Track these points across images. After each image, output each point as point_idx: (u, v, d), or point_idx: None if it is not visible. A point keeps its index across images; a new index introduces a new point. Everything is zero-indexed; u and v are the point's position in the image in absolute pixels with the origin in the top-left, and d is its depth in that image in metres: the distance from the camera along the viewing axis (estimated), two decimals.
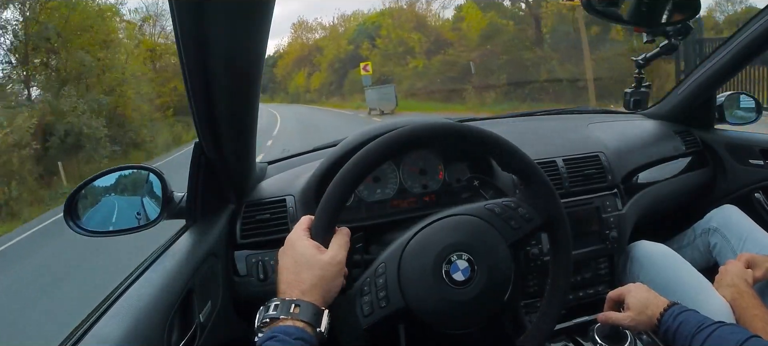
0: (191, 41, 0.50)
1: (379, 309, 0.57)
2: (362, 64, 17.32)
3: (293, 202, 0.87)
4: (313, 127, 13.19)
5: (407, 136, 0.60)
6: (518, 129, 1.26)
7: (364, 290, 0.59)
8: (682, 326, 0.62)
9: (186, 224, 0.78)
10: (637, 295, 0.71)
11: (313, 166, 0.91)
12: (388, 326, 0.59)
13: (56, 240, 5.37)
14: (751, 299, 0.76)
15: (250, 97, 0.64)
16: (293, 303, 0.51)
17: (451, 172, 0.95)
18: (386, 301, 0.57)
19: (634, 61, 1.22)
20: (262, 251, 0.84)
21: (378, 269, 0.59)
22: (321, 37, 35.66)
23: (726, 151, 1.26)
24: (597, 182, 1.03)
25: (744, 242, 0.97)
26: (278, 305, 0.51)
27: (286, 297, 0.52)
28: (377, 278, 0.58)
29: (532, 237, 0.64)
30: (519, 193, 0.67)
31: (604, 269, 1.04)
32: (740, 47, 1.08)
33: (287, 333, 0.48)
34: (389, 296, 0.57)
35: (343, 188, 0.58)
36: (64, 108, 11.27)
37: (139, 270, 0.63)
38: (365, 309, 0.57)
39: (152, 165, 0.84)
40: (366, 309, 0.57)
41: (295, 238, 0.57)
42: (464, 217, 0.62)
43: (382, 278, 0.58)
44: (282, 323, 0.50)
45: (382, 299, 0.57)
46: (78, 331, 0.50)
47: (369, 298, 0.58)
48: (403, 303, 0.57)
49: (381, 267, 0.59)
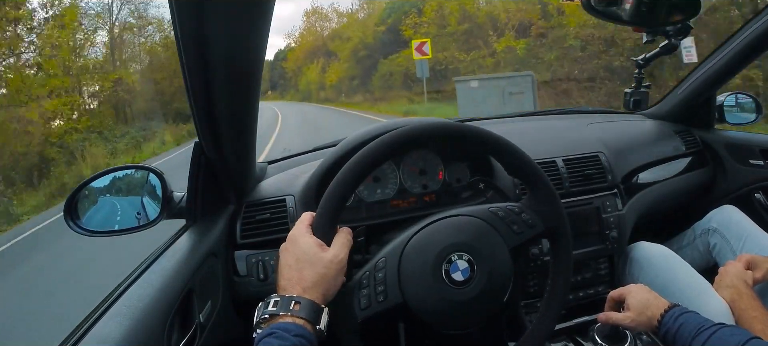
0: (191, 41, 0.49)
1: (377, 303, 0.57)
2: (416, 43, 11.15)
3: (293, 202, 0.87)
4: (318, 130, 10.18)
5: (407, 136, 0.60)
6: (518, 129, 1.26)
7: (363, 283, 0.59)
8: (682, 328, 0.62)
9: (186, 224, 0.78)
10: (638, 296, 0.71)
11: (313, 166, 0.91)
12: (384, 322, 0.59)
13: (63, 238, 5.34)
14: (750, 300, 0.76)
15: (250, 97, 0.64)
16: (293, 300, 0.51)
17: (451, 172, 0.95)
18: (384, 296, 0.57)
19: (634, 62, 1.22)
20: (262, 250, 0.84)
21: (378, 264, 0.59)
22: (339, 25, 28.70)
23: (726, 151, 1.26)
24: (597, 182, 1.03)
25: (744, 243, 0.97)
26: (278, 302, 0.51)
27: (286, 294, 0.52)
28: (377, 272, 0.59)
29: (534, 242, 0.64)
30: (523, 198, 0.67)
31: (604, 269, 1.04)
32: (740, 47, 1.09)
33: (286, 330, 0.48)
34: (387, 291, 0.57)
35: (344, 187, 0.58)
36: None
37: (139, 270, 0.63)
38: (362, 302, 0.57)
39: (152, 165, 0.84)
40: (363, 302, 0.57)
41: (297, 234, 0.57)
42: (467, 218, 0.62)
43: (382, 273, 0.58)
44: (281, 320, 0.50)
45: (380, 293, 0.57)
46: (78, 331, 0.50)
47: (367, 291, 0.58)
48: (401, 299, 0.57)
49: (381, 262, 0.59)
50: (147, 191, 0.81)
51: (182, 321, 0.61)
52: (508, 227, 0.62)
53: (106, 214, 0.79)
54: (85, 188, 0.78)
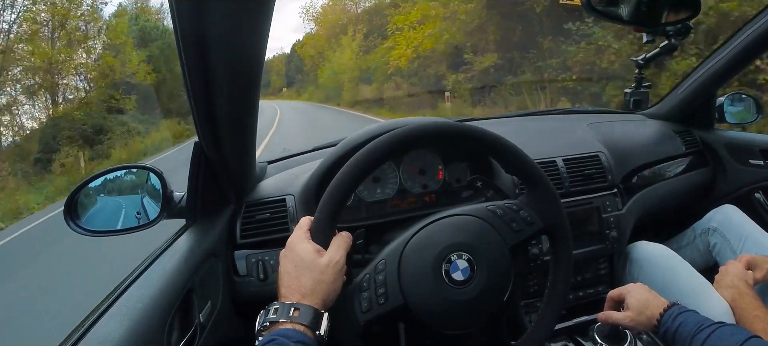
0: (191, 41, 0.49)
1: (378, 306, 0.57)
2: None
3: (293, 201, 0.87)
4: None
5: (408, 136, 0.60)
6: (518, 129, 1.26)
7: (363, 286, 0.58)
8: (681, 327, 0.62)
9: (186, 223, 0.78)
10: (638, 295, 0.71)
11: (313, 165, 0.91)
12: (386, 324, 0.59)
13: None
14: (751, 299, 0.76)
15: (250, 96, 0.64)
16: (292, 307, 0.51)
17: (451, 172, 0.95)
18: (385, 298, 0.57)
19: (634, 62, 1.22)
20: (262, 250, 0.84)
21: (378, 266, 0.59)
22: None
23: (726, 151, 1.26)
24: (597, 181, 1.03)
25: (744, 242, 0.98)
26: (278, 309, 0.51)
27: (285, 301, 0.52)
28: (377, 274, 0.59)
29: (533, 240, 0.64)
30: (522, 196, 0.67)
31: (604, 269, 1.04)
32: (740, 47, 1.09)
33: (287, 336, 0.48)
34: (388, 294, 0.57)
35: (343, 188, 0.58)
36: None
37: (139, 270, 0.63)
38: (363, 305, 0.57)
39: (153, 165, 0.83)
40: (364, 305, 0.57)
41: (295, 240, 0.57)
42: (466, 217, 0.62)
43: (382, 275, 0.58)
44: (282, 327, 0.50)
45: (381, 295, 0.57)
46: (78, 331, 0.50)
47: (368, 294, 0.58)
48: (401, 301, 0.57)
49: (381, 264, 0.59)
50: (147, 190, 0.81)
51: (182, 321, 0.61)
52: (507, 225, 0.62)
53: (106, 214, 0.79)
54: (86, 187, 0.78)
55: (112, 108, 13.95)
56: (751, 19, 1.06)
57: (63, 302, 3.09)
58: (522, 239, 0.62)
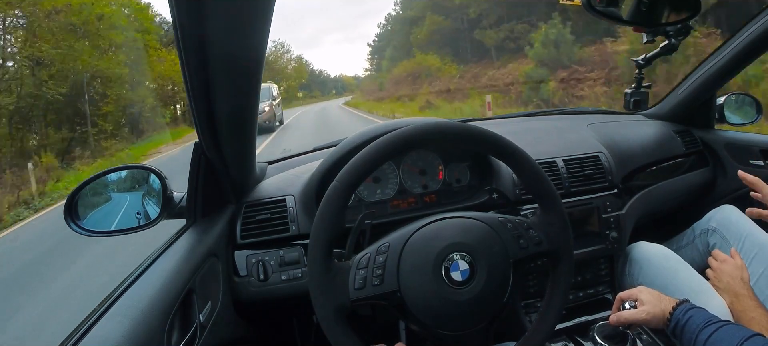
0: (191, 41, 0.49)
1: (371, 286, 0.57)
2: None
3: (293, 202, 0.87)
4: None
5: (408, 137, 0.60)
6: (519, 129, 1.26)
7: (362, 264, 0.59)
8: (690, 320, 0.64)
9: (186, 224, 0.78)
10: (650, 291, 0.73)
11: (313, 166, 0.91)
12: (373, 309, 0.59)
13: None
14: (748, 301, 0.76)
15: (250, 97, 0.64)
16: None
17: (451, 172, 0.95)
18: (380, 279, 0.57)
19: (634, 62, 1.22)
20: (262, 251, 0.84)
21: (381, 248, 0.60)
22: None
23: (726, 152, 1.26)
24: (597, 182, 1.03)
25: (743, 242, 0.97)
26: None
27: None
28: (378, 255, 0.59)
29: (537, 260, 0.64)
30: (533, 216, 0.67)
31: (604, 269, 1.04)
32: (740, 47, 1.09)
33: None
34: (384, 276, 0.57)
35: (344, 190, 0.58)
36: None
37: (139, 270, 0.63)
38: (357, 282, 0.57)
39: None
40: (358, 282, 0.57)
41: None
42: (476, 222, 0.62)
43: (383, 257, 0.59)
44: None
45: (377, 276, 0.57)
46: (78, 331, 0.50)
47: (364, 272, 0.58)
48: (396, 287, 0.57)
49: (384, 246, 0.60)
50: (147, 191, 0.81)
51: (182, 321, 0.61)
52: (514, 240, 0.62)
53: (107, 214, 0.79)
54: (86, 187, 0.78)
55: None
56: (751, 19, 1.06)
57: (63, 302, 3.09)
58: (526, 256, 0.62)
